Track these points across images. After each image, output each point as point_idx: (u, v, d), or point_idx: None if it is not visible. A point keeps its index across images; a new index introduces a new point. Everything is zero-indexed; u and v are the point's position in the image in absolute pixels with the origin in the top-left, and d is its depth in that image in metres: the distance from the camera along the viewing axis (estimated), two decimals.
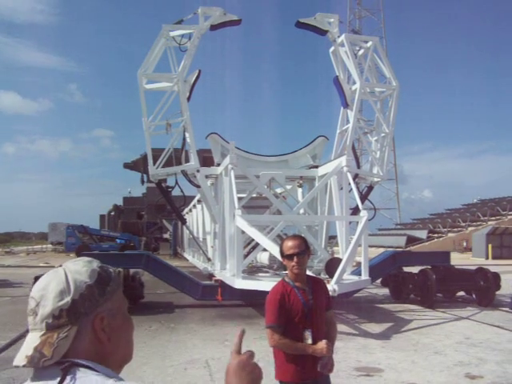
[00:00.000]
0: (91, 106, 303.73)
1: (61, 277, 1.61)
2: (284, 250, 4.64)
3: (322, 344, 4.43)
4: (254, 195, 19.54)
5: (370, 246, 17.77)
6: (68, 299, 1.56)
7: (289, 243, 4.65)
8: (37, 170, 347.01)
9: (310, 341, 4.50)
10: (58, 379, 1.50)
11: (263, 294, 15.32)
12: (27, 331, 1.61)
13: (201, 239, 25.03)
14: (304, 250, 4.64)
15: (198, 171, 18.14)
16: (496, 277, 17.69)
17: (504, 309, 16.71)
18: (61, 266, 1.67)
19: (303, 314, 4.54)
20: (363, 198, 18.64)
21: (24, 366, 1.50)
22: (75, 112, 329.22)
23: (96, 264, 1.69)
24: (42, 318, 1.55)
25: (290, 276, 4.69)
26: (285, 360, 4.56)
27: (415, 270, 18.33)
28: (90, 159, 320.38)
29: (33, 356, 1.50)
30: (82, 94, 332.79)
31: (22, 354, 1.52)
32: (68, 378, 1.50)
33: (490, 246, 44.79)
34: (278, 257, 14.17)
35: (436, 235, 59.95)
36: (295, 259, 4.57)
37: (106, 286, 1.65)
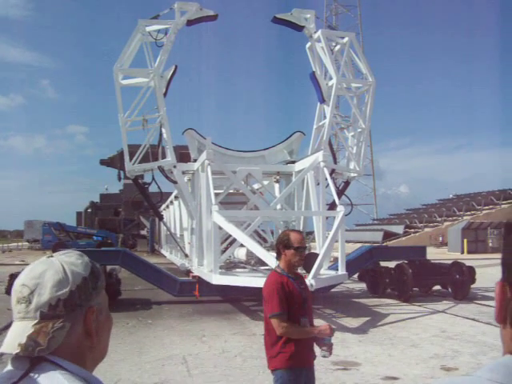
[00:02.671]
0: (64, 102, 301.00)
1: (57, 267, 1.58)
2: (294, 243, 4.78)
3: (325, 325, 4.70)
4: (231, 191, 19.52)
5: (347, 242, 17.91)
6: (67, 290, 1.55)
7: (298, 236, 4.86)
8: (11, 167, 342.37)
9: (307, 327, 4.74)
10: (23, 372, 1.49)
11: (241, 289, 15.37)
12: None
13: (178, 235, 24.96)
14: (306, 246, 4.97)
15: (174, 167, 18.06)
16: (471, 271, 17.89)
17: (478, 302, 16.91)
18: (52, 256, 1.64)
19: (301, 302, 4.73)
20: (340, 193, 18.73)
21: (17, 353, 1.46)
22: (48, 108, 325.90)
23: (87, 258, 1.68)
24: (37, 307, 1.52)
25: (285, 267, 4.82)
26: (280, 348, 4.67)
27: (392, 264, 18.46)
28: (64, 156, 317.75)
29: (27, 344, 1.46)
30: (54, 89, 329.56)
31: (13, 341, 1.48)
32: (34, 371, 1.49)
33: (465, 240, 45.21)
34: (256, 252, 14.25)
35: (412, 230, 60.48)
36: (303, 253, 4.87)
37: (97, 280, 1.66)
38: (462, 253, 43.78)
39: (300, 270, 13.36)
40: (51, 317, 1.52)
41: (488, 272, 23.83)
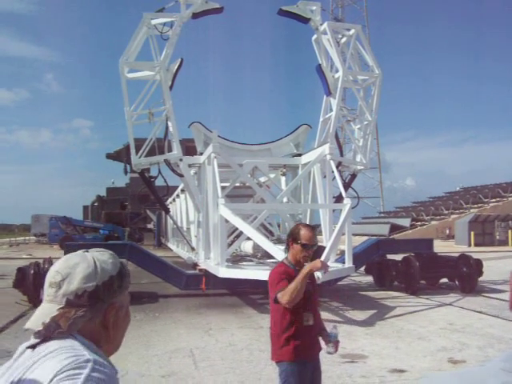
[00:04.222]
0: (69, 96, 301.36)
1: (90, 262, 1.75)
2: (302, 239, 4.73)
3: (317, 260, 4.68)
4: (238, 184, 19.50)
5: (354, 235, 17.86)
6: (93, 283, 1.72)
7: (308, 233, 4.77)
8: (17, 161, 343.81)
9: (311, 322, 4.69)
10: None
11: (247, 282, 15.34)
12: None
13: (185, 229, 24.98)
14: (317, 243, 4.85)
15: (180, 160, 18.04)
16: (478, 263, 17.82)
17: (486, 295, 16.86)
18: (87, 251, 1.82)
19: (306, 296, 4.65)
20: (346, 186, 18.67)
21: (39, 331, 1.63)
22: (53, 102, 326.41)
23: (118, 259, 1.85)
24: (65, 294, 1.69)
25: (292, 260, 4.81)
26: (283, 341, 4.67)
27: (399, 257, 18.42)
28: (70, 150, 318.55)
29: (50, 324, 1.64)
30: (58, 83, 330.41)
31: (38, 320, 1.66)
32: (55, 337, 1.64)
33: (472, 233, 45.06)
34: (263, 245, 14.23)
35: (419, 223, 60.40)
36: (310, 251, 4.75)
37: (123, 280, 1.82)
38: (469, 246, 43.67)
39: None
40: (75, 305, 1.69)
41: (495, 265, 23.81)
